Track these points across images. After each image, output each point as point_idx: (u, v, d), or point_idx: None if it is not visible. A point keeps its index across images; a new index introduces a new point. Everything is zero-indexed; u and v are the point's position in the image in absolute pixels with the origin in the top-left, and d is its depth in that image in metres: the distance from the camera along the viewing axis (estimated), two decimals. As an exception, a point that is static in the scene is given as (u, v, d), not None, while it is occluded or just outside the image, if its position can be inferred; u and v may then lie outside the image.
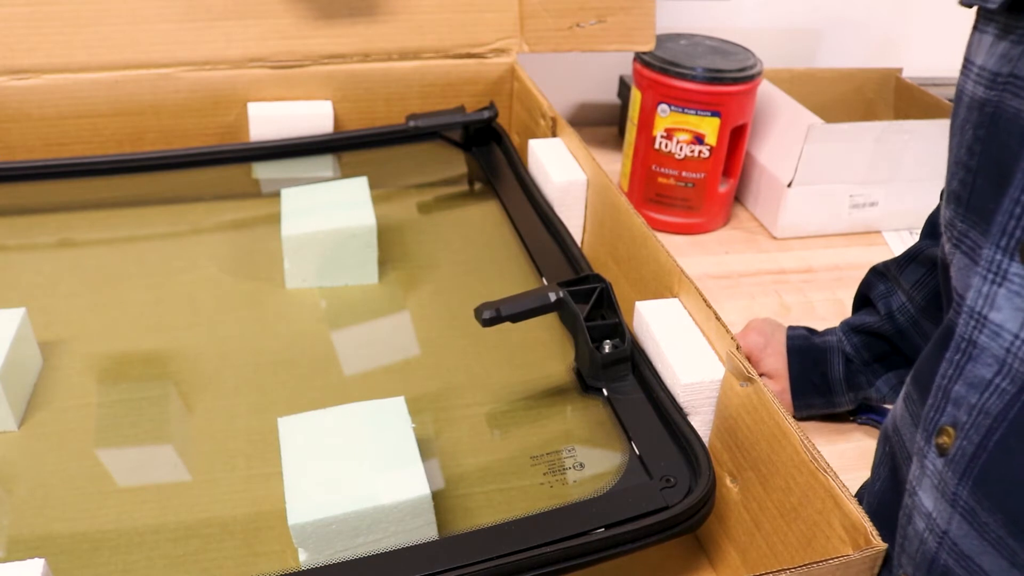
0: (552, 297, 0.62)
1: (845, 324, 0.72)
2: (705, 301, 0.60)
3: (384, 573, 0.47)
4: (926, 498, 0.40)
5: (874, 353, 0.70)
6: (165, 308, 0.73)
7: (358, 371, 0.68)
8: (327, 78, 0.94)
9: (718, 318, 0.58)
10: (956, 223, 0.42)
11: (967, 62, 0.42)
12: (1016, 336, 0.36)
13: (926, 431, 0.40)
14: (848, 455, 0.71)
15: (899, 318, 0.67)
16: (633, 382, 0.61)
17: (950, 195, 0.43)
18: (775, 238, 1.01)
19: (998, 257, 0.36)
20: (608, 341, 0.62)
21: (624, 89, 1.18)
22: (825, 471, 0.46)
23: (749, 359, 0.66)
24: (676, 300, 0.64)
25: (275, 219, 0.76)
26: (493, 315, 0.61)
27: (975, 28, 0.43)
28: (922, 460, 0.41)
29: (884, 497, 0.51)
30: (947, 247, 0.43)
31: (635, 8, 0.97)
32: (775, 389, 0.72)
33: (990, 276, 0.36)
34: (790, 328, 0.74)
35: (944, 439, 0.39)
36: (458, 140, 0.96)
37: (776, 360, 0.73)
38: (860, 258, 0.97)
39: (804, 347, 0.72)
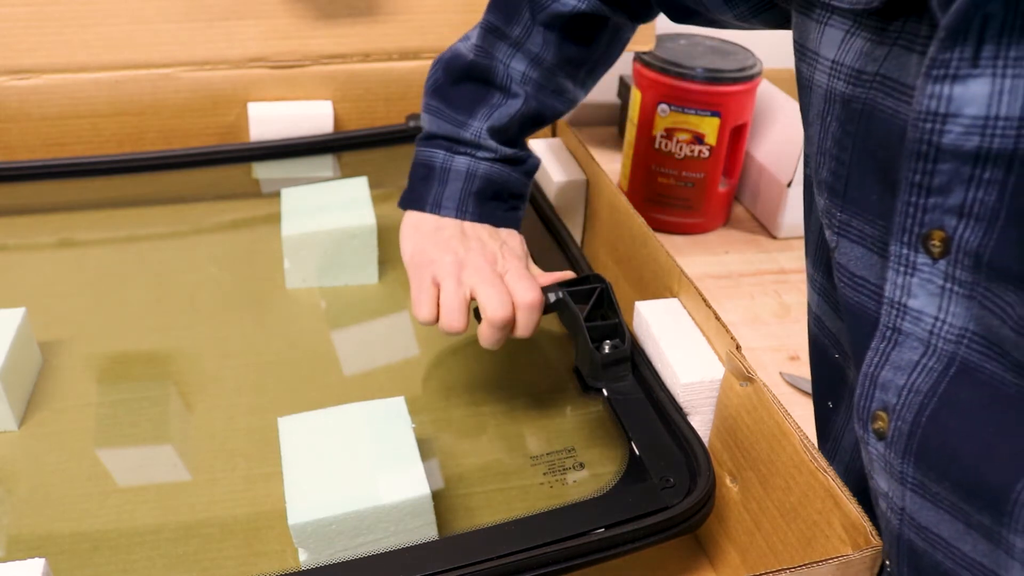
0: (552, 297, 0.62)
1: (481, 130, 0.65)
2: (705, 301, 0.60)
3: (384, 573, 0.47)
4: (880, 480, 0.42)
5: (510, 135, 0.65)
6: (165, 308, 0.73)
7: (358, 371, 0.68)
8: (327, 78, 0.94)
9: (718, 318, 0.58)
10: (835, 212, 0.44)
11: (812, 53, 0.45)
12: (936, 318, 0.38)
13: (861, 419, 0.42)
14: (848, 455, 0.71)
15: (528, 92, 0.64)
16: (633, 382, 0.61)
17: (821, 183, 0.45)
18: (775, 238, 1.01)
19: (905, 251, 0.38)
20: (608, 341, 0.62)
21: (624, 89, 1.18)
22: (825, 471, 0.46)
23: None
24: (676, 300, 0.64)
25: (275, 219, 0.76)
26: (493, 315, 0.60)
27: (809, 18, 0.45)
28: (866, 447, 0.42)
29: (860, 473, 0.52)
30: (828, 233, 0.45)
31: (635, 8, 0.97)
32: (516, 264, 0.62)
33: (902, 269, 0.39)
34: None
35: (879, 424, 0.41)
36: (458, 140, 0.96)
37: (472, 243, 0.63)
38: (860, 258, 0.97)
39: (478, 191, 0.64)
